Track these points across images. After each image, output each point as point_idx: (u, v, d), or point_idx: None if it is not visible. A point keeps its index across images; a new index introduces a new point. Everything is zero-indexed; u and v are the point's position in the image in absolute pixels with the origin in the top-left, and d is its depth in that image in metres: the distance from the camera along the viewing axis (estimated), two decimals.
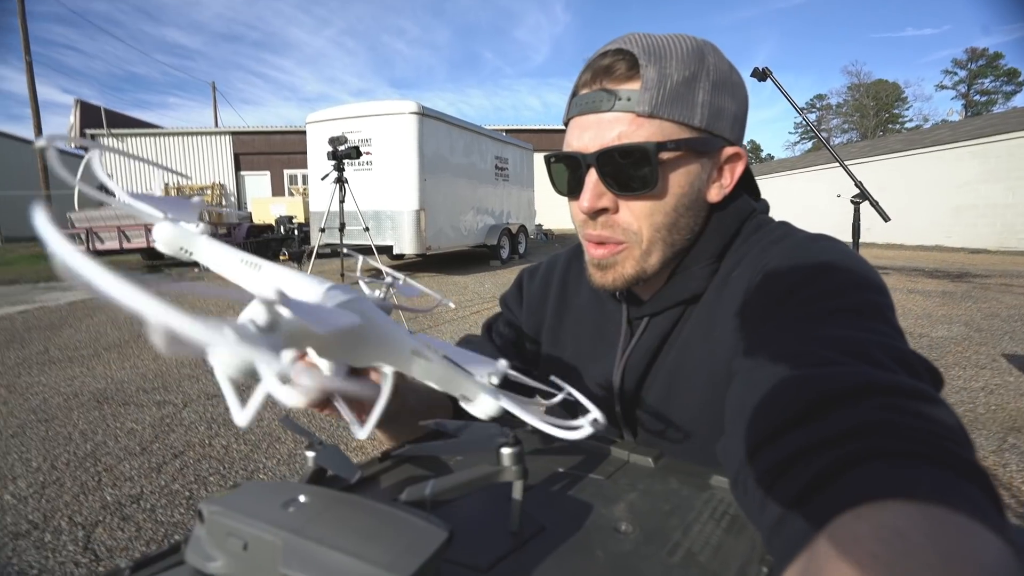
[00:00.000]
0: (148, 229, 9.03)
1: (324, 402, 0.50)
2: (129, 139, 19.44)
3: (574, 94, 0.57)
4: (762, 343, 0.44)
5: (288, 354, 0.24)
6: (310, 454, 0.47)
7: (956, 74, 37.98)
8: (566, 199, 0.60)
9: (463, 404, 0.39)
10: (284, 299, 0.24)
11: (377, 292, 0.48)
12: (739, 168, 0.59)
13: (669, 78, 0.51)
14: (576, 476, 0.50)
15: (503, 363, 0.37)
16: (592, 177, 0.55)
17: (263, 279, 0.38)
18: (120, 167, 18.90)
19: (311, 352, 0.32)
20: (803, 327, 0.42)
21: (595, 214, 0.56)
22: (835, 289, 0.45)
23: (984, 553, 0.22)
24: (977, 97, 37.06)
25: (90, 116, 19.14)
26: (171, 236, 0.40)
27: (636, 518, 0.42)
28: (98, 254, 9.10)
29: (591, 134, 0.54)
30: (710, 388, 0.54)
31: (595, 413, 0.38)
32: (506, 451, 0.38)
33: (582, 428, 0.35)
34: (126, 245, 9.20)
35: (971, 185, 12.48)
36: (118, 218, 9.12)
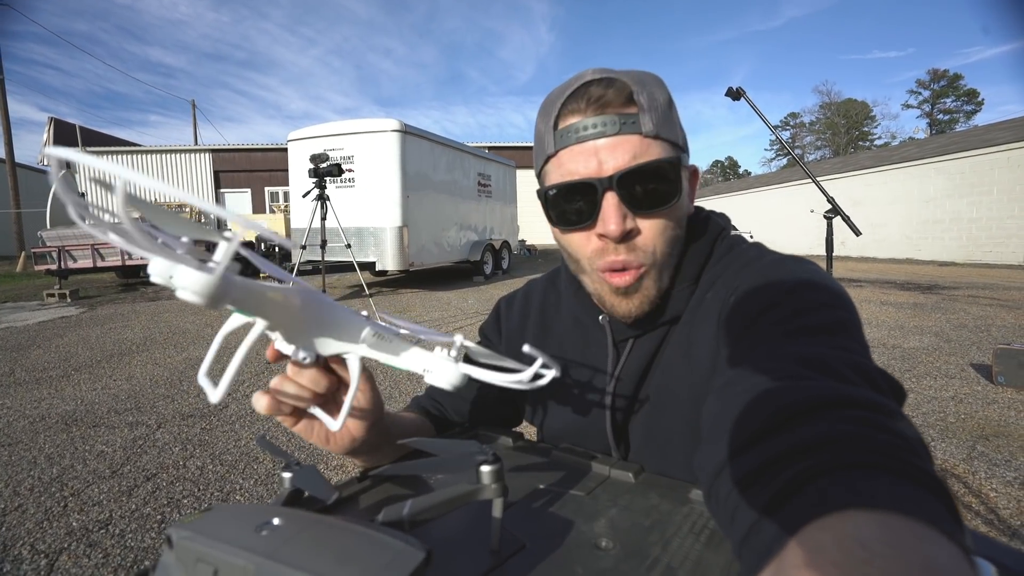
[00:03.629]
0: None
1: (300, 413, 0.49)
2: (105, 157, 19.02)
3: (556, 127, 0.56)
4: (735, 361, 0.46)
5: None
6: (286, 475, 0.46)
7: (920, 94, 39.72)
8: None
9: (426, 377, 0.41)
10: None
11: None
12: (696, 182, 0.63)
13: (657, 101, 0.54)
14: (557, 492, 0.49)
15: (459, 337, 0.41)
16: (611, 200, 0.53)
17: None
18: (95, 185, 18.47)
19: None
20: (773, 345, 0.44)
21: (622, 237, 0.54)
22: (804, 308, 0.47)
23: (938, 557, 0.23)
24: (941, 116, 38.69)
25: (64, 134, 18.64)
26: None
27: (616, 534, 0.42)
28: (71, 273, 8.86)
29: (600, 158, 0.53)
30: (692, 406, 0.56)
31: (543, 362, 0.43)
32: (485, 469, 0.38)
33: (524, 371, 0.41)
34: (100, 263, 8.96)
35: (937, 200, 12.94)
36: (91, 236, 8.87)
